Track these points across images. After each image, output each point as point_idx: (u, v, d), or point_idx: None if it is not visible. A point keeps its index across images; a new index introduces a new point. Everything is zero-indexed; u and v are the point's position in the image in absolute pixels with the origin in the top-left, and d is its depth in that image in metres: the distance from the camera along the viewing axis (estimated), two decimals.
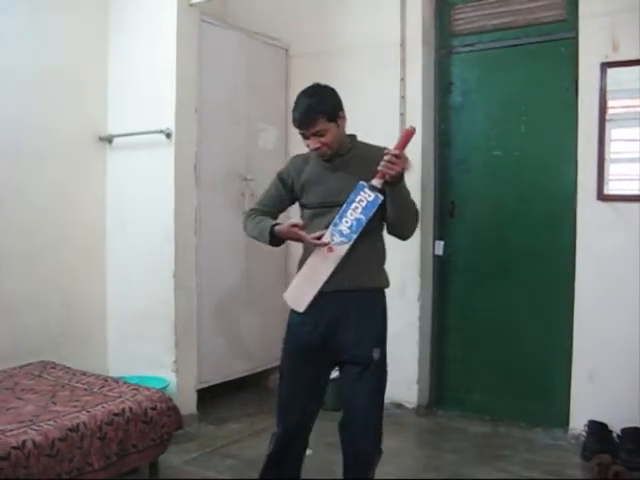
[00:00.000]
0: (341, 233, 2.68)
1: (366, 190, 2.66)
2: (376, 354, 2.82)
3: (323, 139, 2.73)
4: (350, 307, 2.79)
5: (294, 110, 2.76)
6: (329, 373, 2.90)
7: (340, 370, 2.86)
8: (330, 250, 2.69)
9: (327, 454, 3.70)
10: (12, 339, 4.00)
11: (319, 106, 2.72)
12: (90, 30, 4.48)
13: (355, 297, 2.80)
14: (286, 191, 2.94)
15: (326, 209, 2.79)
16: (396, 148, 2.62)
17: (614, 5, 3.92)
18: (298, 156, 3.01)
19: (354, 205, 2.67)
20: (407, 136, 2.64)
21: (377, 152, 2.75)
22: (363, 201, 2.67)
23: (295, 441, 2.87)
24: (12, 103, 4.03)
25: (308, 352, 2.80)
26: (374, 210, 2.67)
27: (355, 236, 2.68)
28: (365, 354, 2.79)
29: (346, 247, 2.69)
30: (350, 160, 2.81)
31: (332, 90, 2.84)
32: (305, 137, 2.77)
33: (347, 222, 2.68)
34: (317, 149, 2.76)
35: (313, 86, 2.84)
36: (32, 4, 4.14)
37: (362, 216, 2.67)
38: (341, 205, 2.72)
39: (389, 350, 4.69)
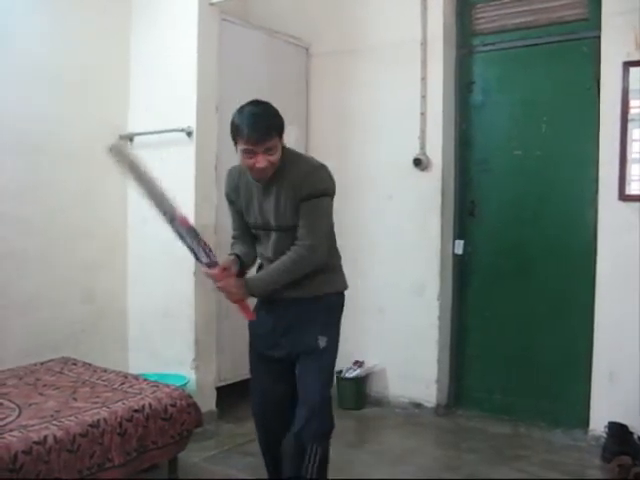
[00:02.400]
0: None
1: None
2: (322, 342, 2.75)
3: (272, 157, 2.62)
4: (297, 314, 2.79)
5: (246, 125, 2.60)
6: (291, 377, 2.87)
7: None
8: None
9: (345, 453, 3.72)
10: (34, 335, 4.05)
11: (275, 121, 2.64)
12: (112, 29, 4.52)
13: (307, 303, 2.78)
14: (238, 207, 2.89)
15: (264, 231, 2.81)
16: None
17: (637, 3, 3.88)
18: (233, 169, 2.95)
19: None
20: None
21: (303, 172, 2.67)
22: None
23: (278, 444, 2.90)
24: (33, 102, 4.08)
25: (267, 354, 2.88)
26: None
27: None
28: (310, 344, 2.74)
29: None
30: (279, 180, 2.69)
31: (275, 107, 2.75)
32: (251, 156, 2.62)
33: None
34: (263, 169, 2.63)
35: (260, 101, 2.72)
36: (55, 4, 4.18)
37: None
38: (275, 230, 2.74)
39: (408, 349, 4.75)
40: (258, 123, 2.59)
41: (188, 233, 2.56)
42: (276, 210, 2.71)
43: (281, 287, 2.71)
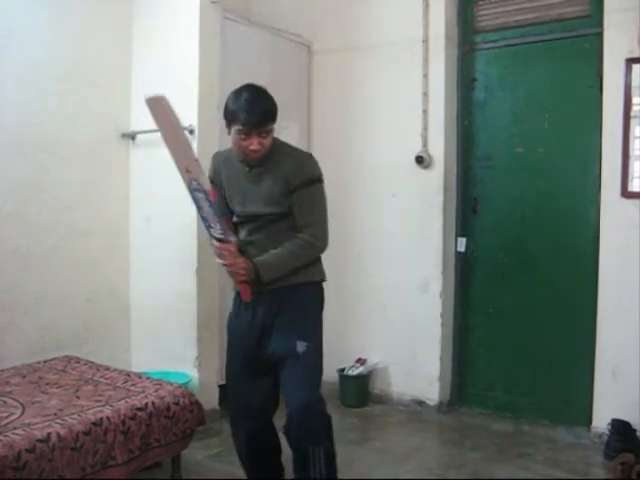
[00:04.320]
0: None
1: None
2: (300, 347, 2.73)
3: (265, 140, 2.71)
4: (280, 304, 2.80)
5: (243, 109, 2.68)
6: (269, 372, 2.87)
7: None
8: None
9: (347, 451, 3.71)
10: (37, 334, 4.05)
11: (271, 107, 2.74)
12: (114, 27, 4.51)
13: (286, 293, 2.79)
14: (222, 191, 2.90)
15: (250, 219, 2.81)
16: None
17: (638, 1, 3.88)
18: (218, 154, 3.02)
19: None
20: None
21: (296, 161, 2.77)
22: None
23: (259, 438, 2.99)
24: (36, 100, 4.07)
25: (246, 345, 2.88)
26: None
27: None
28: (288, 348, 2.74)
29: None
30: (269, 169, 2.77)
31: None
32: (245, 138, 2.70)
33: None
34: (256, 151, 2.70)
35: (255, 86, 2.84)
36: (56, 3, 4.17)
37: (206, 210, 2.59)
38: (264, 217, 2.76)
39: (411, 347, 4.75)
40: (256, 109, 2.68)
41: (210, 205, 2.55)
42: (266, 198, 2.74)
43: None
